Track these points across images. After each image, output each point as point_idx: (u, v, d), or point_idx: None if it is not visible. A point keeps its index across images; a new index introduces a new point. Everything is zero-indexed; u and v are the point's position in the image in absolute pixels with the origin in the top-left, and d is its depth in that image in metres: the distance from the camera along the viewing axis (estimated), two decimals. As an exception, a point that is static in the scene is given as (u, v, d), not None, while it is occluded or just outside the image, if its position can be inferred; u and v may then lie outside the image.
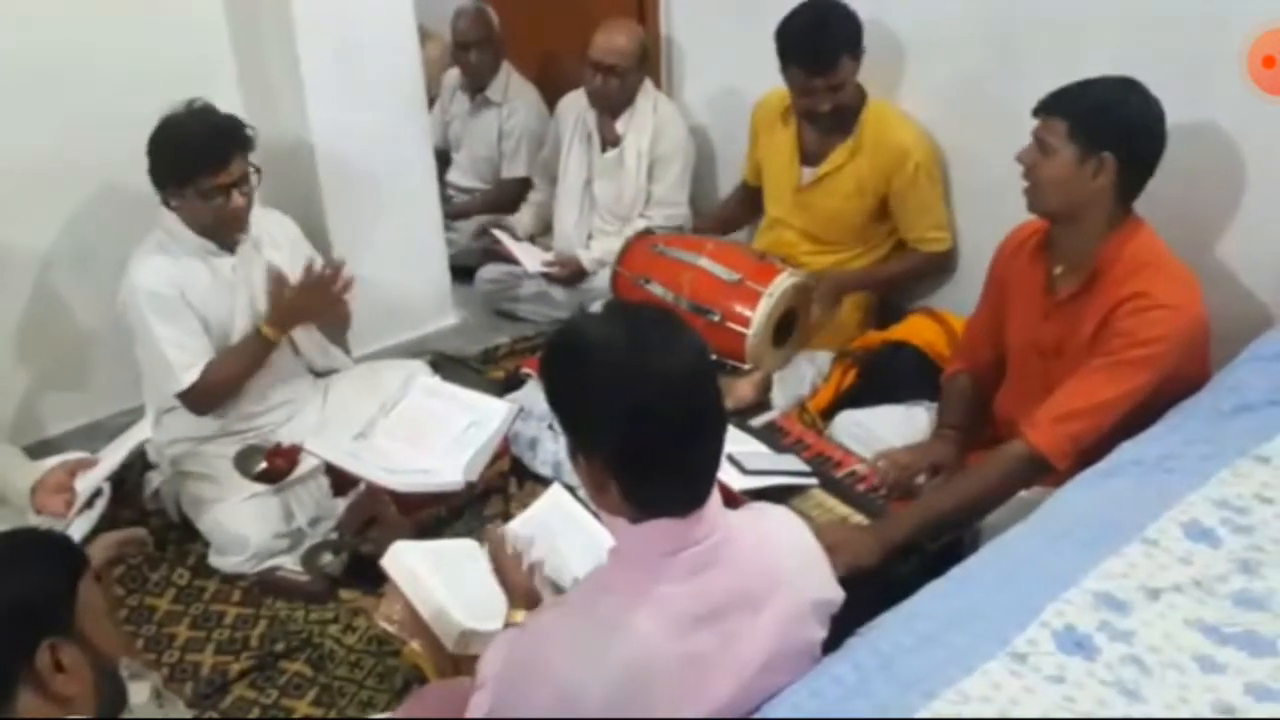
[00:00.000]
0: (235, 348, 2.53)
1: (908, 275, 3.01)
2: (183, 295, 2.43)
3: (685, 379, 1.23)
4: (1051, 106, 2.01)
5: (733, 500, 1.99)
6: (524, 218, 3.83)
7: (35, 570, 1.31)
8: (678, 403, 1.22)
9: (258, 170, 2.44)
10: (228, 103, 2.52)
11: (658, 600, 1.27)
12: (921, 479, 2.19)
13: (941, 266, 2.98)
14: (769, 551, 1.37)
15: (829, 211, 2.91)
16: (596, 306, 2.98)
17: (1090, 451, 1.92)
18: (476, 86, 3.91)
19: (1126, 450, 1.87)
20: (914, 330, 2.78)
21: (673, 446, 1.23)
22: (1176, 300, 1.95)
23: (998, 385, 2.38)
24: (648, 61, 3.39)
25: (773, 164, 3.04)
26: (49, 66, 2.64)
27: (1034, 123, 2.05)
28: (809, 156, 2.92)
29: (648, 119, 3.38)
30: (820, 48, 2.69)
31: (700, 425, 1.26)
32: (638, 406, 1.20)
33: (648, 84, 3.41)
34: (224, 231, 2.48)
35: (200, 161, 2.34)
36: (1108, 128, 1.97)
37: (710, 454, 1.28)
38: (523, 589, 1.85)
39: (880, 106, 2.83)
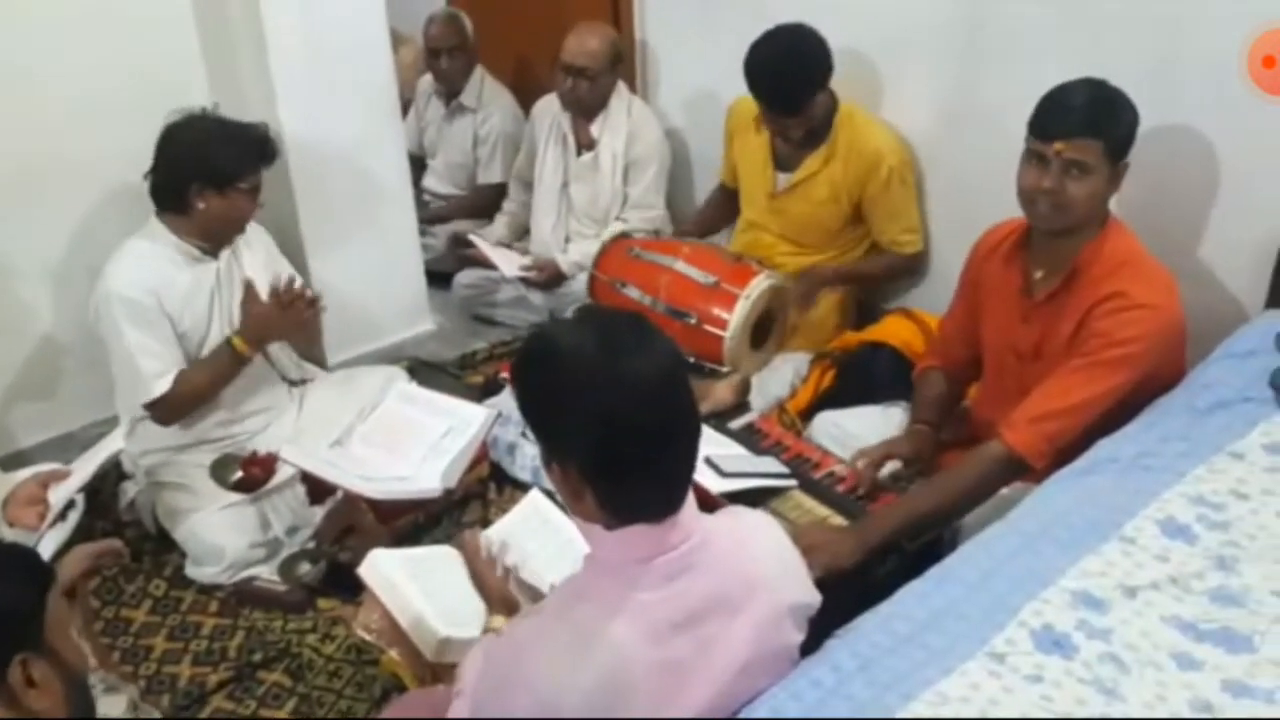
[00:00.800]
0: (207, 360, 2.51)
1: (881, 275, 3.05)
2: (159, 302, 2.42)
3: (658, 384, 1.22)
4: (1078, 127, 1.94)
5: (709, 503, 1.98)
6: (500, 223, 3.82)
7: (6, 586, 1.30)
8: (651, 408, 1.21)
9: None
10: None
11: (634, 608, 1.26)
12: (891, 467, 2.20)
13: (911, 269, 3.01)
14: (746, 555, 1.37)
15: (804, 216, 2.92)
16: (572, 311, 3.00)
17: (1067, 451, 1.93)
18: (450, 92, 3.90)
19: (1104, 448, 1.88)
20: (891, 331, 2.78)
21: (647, 452, 1.22)
22: (1154, 300, 1.95)
23: (970, 382, 2.39)
24: (620, 64, 3.38)
25: (747, 168, 3.04)
26: (18, 71, 2.60)
27: (1015, 130, 2.03)
28: (782, 162, 2.93)
29: (622, 122, 3.38)
30: (789, 95, 2.71)
31: (675, 430, 1.25)
32: (611, 413, 1.19)
33: (621, 87, 3.40)
34: (231, 232, 2.52)
35: (260, 157, 2.44)
36: (1129, 136, 1.98)
37: (685, 459, 1.28)
38: (500, 594, 1.84)
39: (852, 112, 2.83)
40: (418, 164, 3.95)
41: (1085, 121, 1.94)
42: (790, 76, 2.69)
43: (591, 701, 1.23)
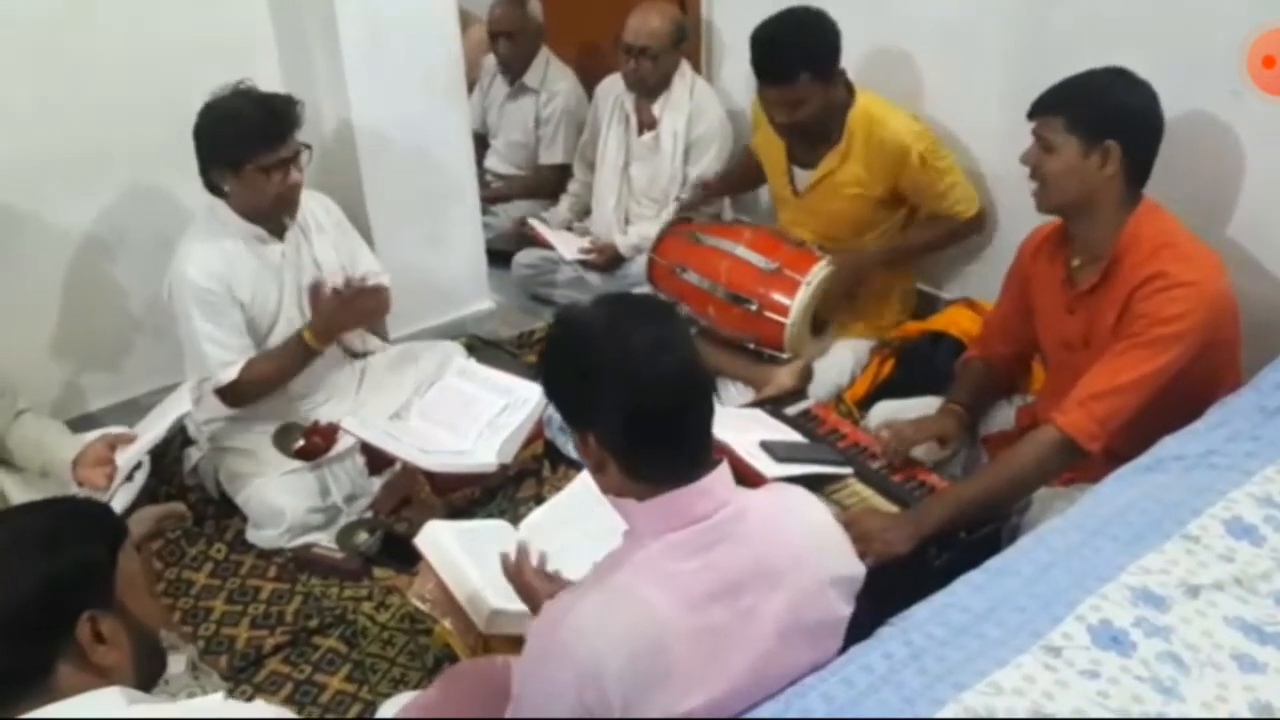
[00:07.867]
0: (277, 350, 2.54)
1: (936, 242, 2.92)
2: (229, 289, 2.44)
3: (663, 345, 1.29)
4: (1045, 104, 2.02)
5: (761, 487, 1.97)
6: (564, 204, 3.83)
7: (76, 541, 1.30)
8: (661, 367, 1.28)
9: (309, 147, 2.46)
10: (269, 87, 2.52)
11: (667, 578, 1.28)
12: (923, 451, 2.20)
13: (973, 229, 2.88)
14: (785, 528, 1.38)
15: (835, 214, 2.86)
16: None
17: (1120, 434, 1.91)
18: (512, 75, 3.90)
19: (1168, 445, 1.84)
20: (953, 320, 2.75)
21: (663, 410, 1.29)
22: (1194, 277, 1.92)
23: (1011, 380, 2.39)
24: (684, 43, 3.37)
25: (768, 167, 3.02)
26: (87, 50, 2.66)
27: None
28: (800, 159, 2.88)
29: (684, 101, 3.36)
30: (774, 58, 2.65)
31: (685, 386, 1.32)
32: (624, 375, 1.28)
33: (684, 66, 3.39)
34: (279, 211, 2.49)
35: (262, 136, 2.35)
36: (1106, 115, 1.97)
37: (701, 415, 1.34)
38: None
39: (868, 106, 2.74)
40: (480, 142, 3.96)
41: (1051, 98, 2.01)
42: (780, 45, 2.63)
43: (631, 664, 1.24)
